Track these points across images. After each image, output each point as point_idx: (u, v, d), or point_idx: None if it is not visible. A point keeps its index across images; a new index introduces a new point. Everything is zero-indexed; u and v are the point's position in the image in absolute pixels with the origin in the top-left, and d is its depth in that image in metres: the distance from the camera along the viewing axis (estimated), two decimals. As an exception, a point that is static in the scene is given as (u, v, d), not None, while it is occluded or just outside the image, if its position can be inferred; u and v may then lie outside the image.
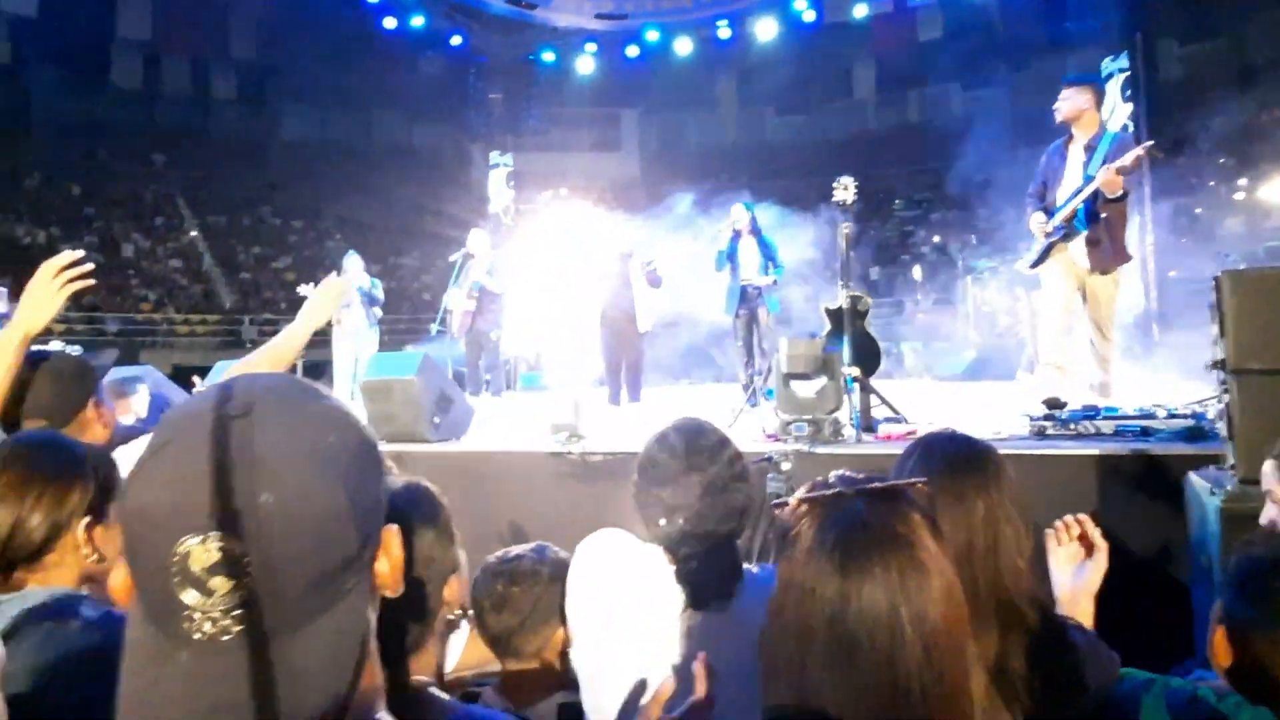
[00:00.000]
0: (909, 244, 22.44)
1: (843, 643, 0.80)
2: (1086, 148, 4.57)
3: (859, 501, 0.86)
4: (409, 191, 26.54)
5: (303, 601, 0.63)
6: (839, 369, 4.13)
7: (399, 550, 0.73)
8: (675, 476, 1.59)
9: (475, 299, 7.60)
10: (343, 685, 0.65)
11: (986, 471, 1.27)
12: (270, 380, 0.70)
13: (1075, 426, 3.65)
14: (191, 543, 0.59)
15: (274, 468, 0.62)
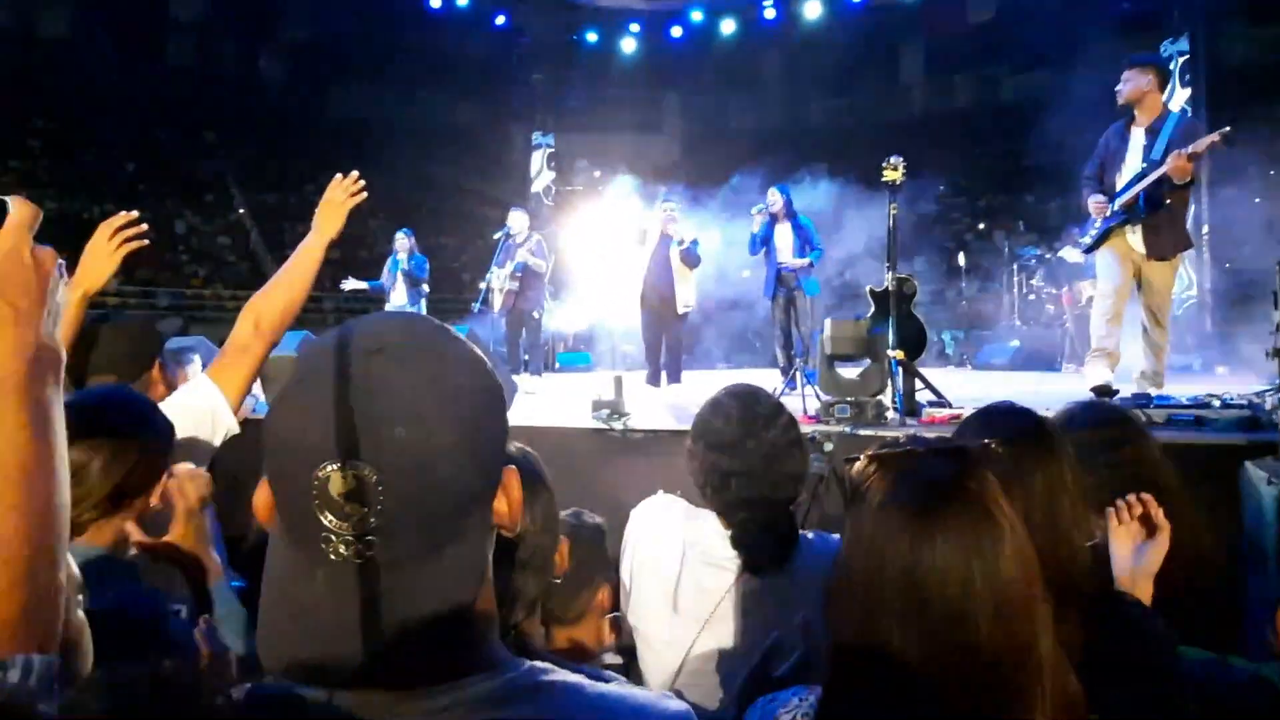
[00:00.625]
0: (953, 230, 22.08)
1: (913, 599, 0.80)
2: (1149, 130, 4.45)
3: (932, 459, 0.87)
4: (451, 171, 26.73)
5: (429, 532, 0.66)
6: (884, 351, 4.11)
7: (518, 491, 0.76)
8: (732, 442, 1.60)
9: (518, 279, 7.66)
10: (461, 614, 0.68)
11: (1046, 444, 1.25)
12: (404, 320, 0.73)
13: (1126, 414, 3.58)
14: (331, 469, 0.63)
15: (406, 404, 0.65)
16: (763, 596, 1.56)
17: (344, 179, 2.00)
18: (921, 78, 26.49)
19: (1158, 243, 4.37)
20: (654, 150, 28.29)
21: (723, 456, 1.60)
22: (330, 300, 20.42)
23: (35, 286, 0.75)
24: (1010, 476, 1.20)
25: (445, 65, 25.51)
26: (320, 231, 1.95)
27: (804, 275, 6.81)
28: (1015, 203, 21.47)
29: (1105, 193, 4.55)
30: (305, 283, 1.95)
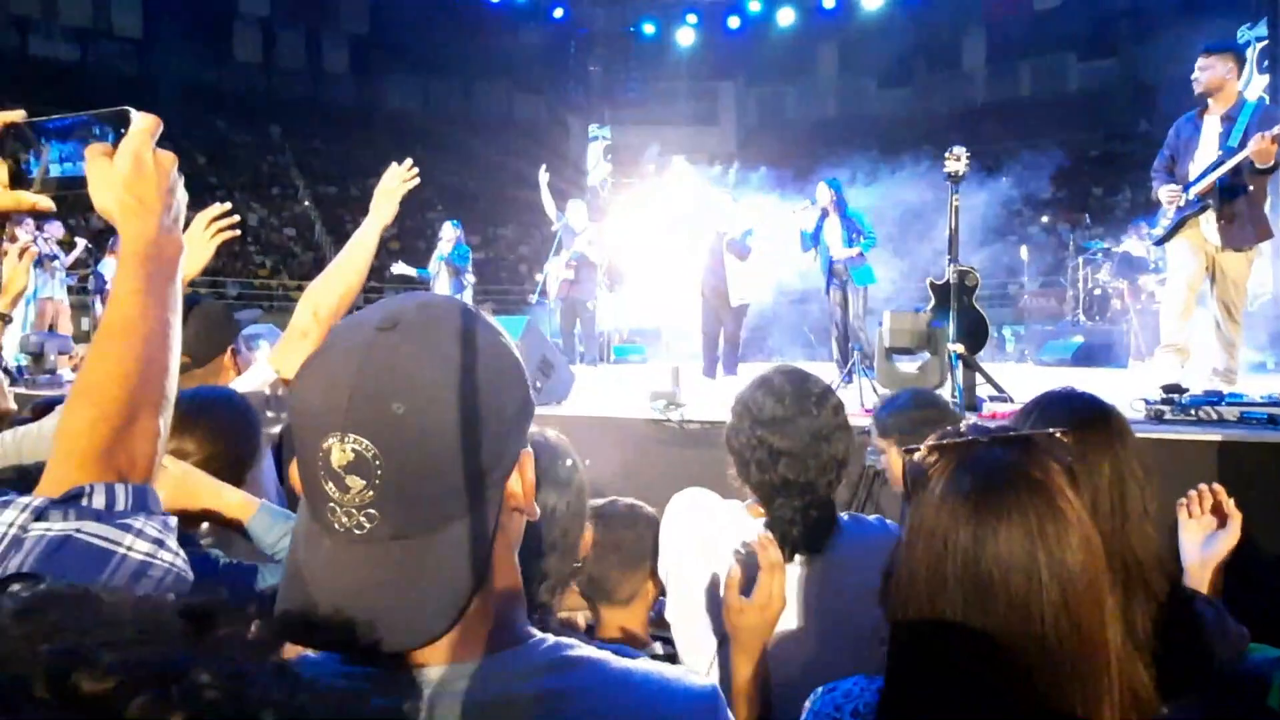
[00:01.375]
0: (1016, 223, 21.55)
1: (977, 587, 0.80)
2: (1224, 118, 4.30)
3: (995, 448, 0.86)
4: (508, 162, 26.95)
5: (434, 506, 0.67)
6: (944, 345, 4.07)
7: (532, 474, 0.76)
8: (782, 421, 1.58)
9: (573, 268, 7.73)
10: (470, 587, 0.68)
11: (1111, 430, 1.23)
12: (426, 299, 0.74)
13: (1196, 412, 3.50)
14: (332, 440, 0.65)
15: (410, 379, 0.66)
16: (800, 584, 1.55)
17: (399, 166, 2.06)
18: (983, 66, 25.85)
19: (1233, 232, 4.23)
20: (709, 141, 28.16)
21: (772, 434, 1.57)
22: (390, 291, 20.88)
23: (156, 185, 0.91)
24: (1076, 465, 1.20)
25: (503, 58, 25.73)
26: (376, 218, 2.02)
27: (855, 265, 6.77)
28: (1081, 194, 20.88)
29: (1177, 184, 4.42)
30: (362, 268, 2.01)
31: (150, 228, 0.89)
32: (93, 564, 0.70)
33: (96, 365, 0.83)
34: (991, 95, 26.00)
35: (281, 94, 25.79)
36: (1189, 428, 3.34)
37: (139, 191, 0.89)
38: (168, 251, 0.90)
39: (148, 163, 0.90)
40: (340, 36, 25.51)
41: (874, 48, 25.79)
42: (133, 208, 0.89)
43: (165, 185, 0.91)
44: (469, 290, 8.97)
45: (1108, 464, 1.20)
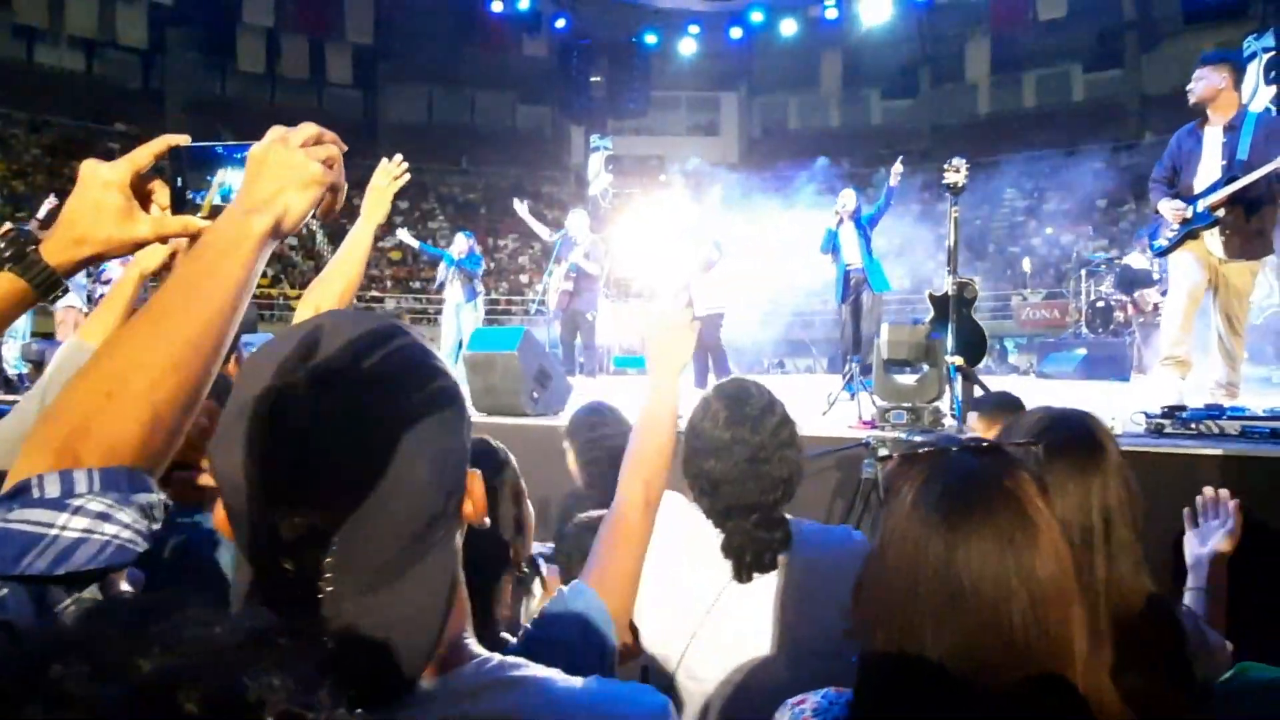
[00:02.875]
0: (1019, 235, 21.53)
1: (949, 595, 0.80)
2: (1227, 129, 4.27)
3: (966, 457, 0.86)
4: (510, 173, 27.06)
5: (393, 560, 0.64)
6: (942, 357, 4.03)
7: (481, 491, 0.74)
8: (718, 448, 1.55)
9: (572, 279, 7.71)
10: (437, 620, 0.67)
11: (1096, 448, 1.21)
12: (348, 330, 0.68)
13: (1197, 425, 3.45)
14: (278, 514, 0.61)
15: (357, 438, 0.62)
16: (757, 600, 1.53)
17: (389, 162, 2.04)
18: (988, 77, 25.87)
19: (1239, 244, 4.20)
20: (711, 151, 28.22)
21: (709, 461, 1.55)
22: (392, 299, 20.88)
23: (259, 182, 0.84)
24: (1061, 484, 1.17)
25: (506, 68, 25.85)
26: (368, 217, 2.00)
27: (872, 271, 6.83)
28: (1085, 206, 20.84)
29: (1179, 195, 4.39)
30: (358, 269, 2.00)
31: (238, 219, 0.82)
32: (13, 550, 0.65)
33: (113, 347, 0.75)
34: (996, 106, 26.02)
35: (285, 104, 25.90)
36: (1190, 441, 3.30)
37: (244, 186, 0.85)
38: (231, 232, 0.80)
39: (264, 161, 0.85)
40: (344, 47, 25.61)
41: (877, 58, 25.85)
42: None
43: (266, 176, 0.84)
44: (480, 298, 8.99)
45: (1097, 482, 1.18)
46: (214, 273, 0.76)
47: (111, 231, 0.90)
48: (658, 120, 26.30)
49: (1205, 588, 1.46)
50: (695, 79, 26.07)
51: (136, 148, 0.97)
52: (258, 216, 0.80)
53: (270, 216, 0.81)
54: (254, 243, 0.79)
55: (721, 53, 24.81)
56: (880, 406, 3.99)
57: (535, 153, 27.47)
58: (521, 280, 22.82)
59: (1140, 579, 1.16)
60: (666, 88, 24.95)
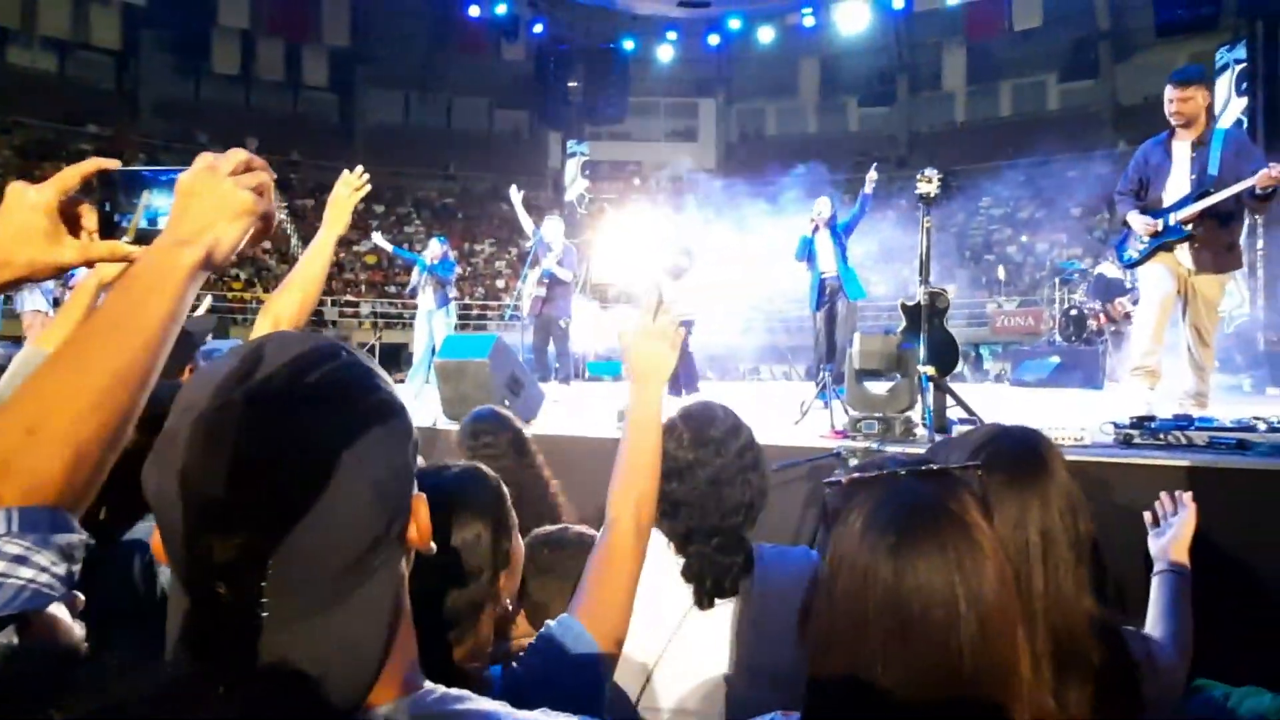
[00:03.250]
0: (994, 243, 21.74)
1: (898, 620, 0.80)
2: (1197, 144, 4.32)
3: (913, 481, 0.86)
4: (487, 178, 26.97)
5: (332, 584, 0.63)
6: (914, 367, 4.02)
7: (426, 515, 0.73)
8: (680, 469, 1.54)
9: (545, 285, 7.67)
10: (376, 651, 0.66)
11: (1038, 466, 1.21)
12: (292, 349, 0.68)
13: (1165, 436, 3.46)
14: (213, 537, 0.59)
15: (292, 457, 0.61)
16: (719, 625, 1.51)
17: (350, 174, 2.01)
18: (964, 86, 26.14)
19: (1209, 257, 4.24)
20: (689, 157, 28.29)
21: (671, 483, 1.53)
22: (366, 303, 20.72)
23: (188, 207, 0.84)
24: (1004, 502, 1.15)
25: (483, 73, 25.78)
26: (329, 228, 1.97)
27: (846, 281, 6.82)
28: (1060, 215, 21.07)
29: (1147, 208, 4.43)
30: (319, 279, 1.97)
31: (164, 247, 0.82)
32: None
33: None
34: (972, 115, 26.29)
35: (260, 106, 25.68)
36: (1157, 452, 3.30)
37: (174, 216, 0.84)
38: (159, 264, 0.79)
39: (194, 192, 0.85)
40: (320, 50, 25.44)
41: (855, 66, 26.05)
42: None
43: (195, 207, 0.84)
44: (453, 304, 8.90)
45: (1037, 500, 1.17)
46: (142, 305, 0.75)
47: (35, 255, 0.89)
48: (636, 126, 26.33)
49: (1169, 568, 1.49)
50: (673, 85, 26.14)
51: (108, 150, 0.95)
52: (188, 249, 0.79)
53: (201, 249, 0.80)
54: (183, 275, 0.78)
55: (699, 59, 24.90)
56: (852, 416, 3.97)
57: (512, 157, 27.40)
58: (498, 285, 22.74)
59: (1083, 600, 1.15)
60: (644, 94, 25.00)
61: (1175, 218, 4.30)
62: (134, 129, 23.16)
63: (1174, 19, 14.74)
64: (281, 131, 25.22)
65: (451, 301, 8.77)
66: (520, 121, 27.67)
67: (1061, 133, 23.78)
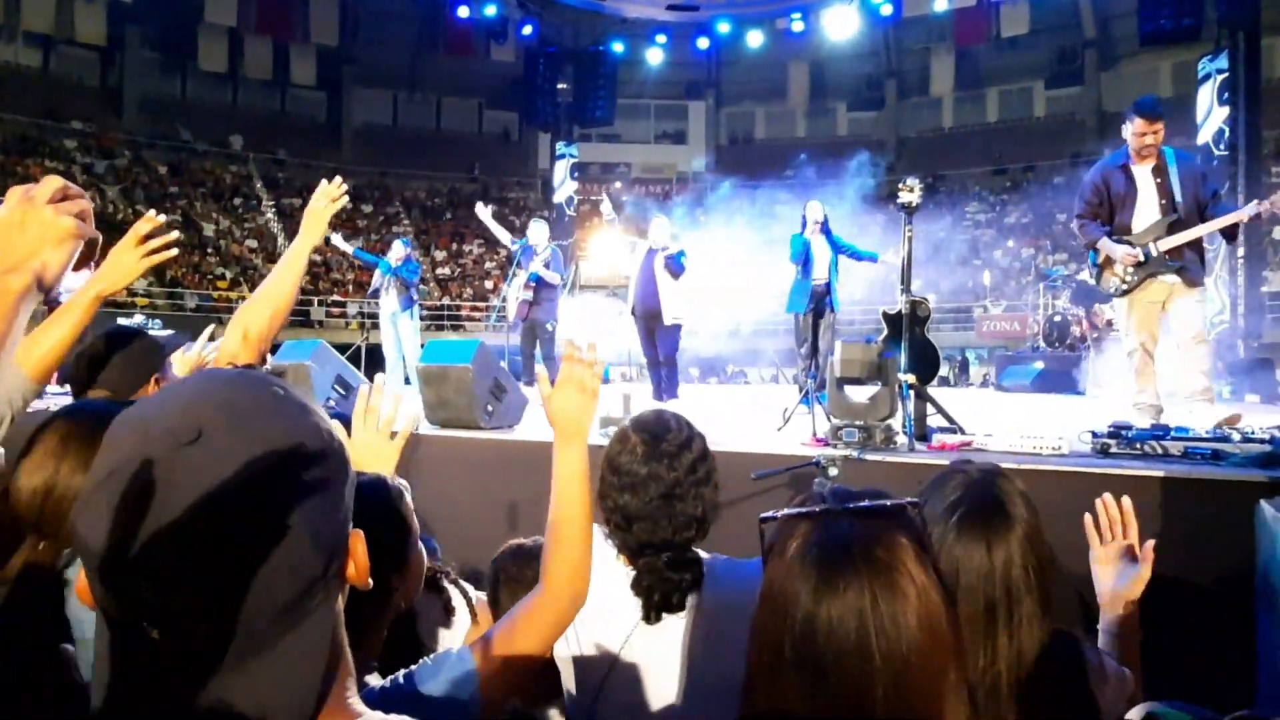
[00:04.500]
0: (980, 247, 21.85)
1: (813, 663, 0.78)
2: (1156, 170, 4.43)
3: (845, 521, 0.84)
4: (476, 179, 26.92)
5: (269, 628, 0.61)
6: (895, 375, 4.03)
7: (363, 551, 0.72)
8: (634, 483, 1.51)
9: (531, 288, 7.65)
10: (315, 685, 0.65)
11: (1002, 519, 1.21)
12: (226, 394, 0.65)
13: (1141, 446, 3.49)
14: (143, 584, 0.58)
15: (231, 502, 0.59)
16: (667, 639, 1.49)
17: (328, 185, 1.98)
18: (952, 92, 26.30)
19: (1188, 274, 4.36)
20: (678, 160, 28.32)
21: (624, 496, 1.51)
22: (354, 304, 20.63)
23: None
24: (970, 550, 1.16)
25: (472, 74, 25.73)
26: (304, 237, 1.95)
27: (832, 291, 6.87)
28: (1045, 220, 21.21)
29: (1117, 234, 4.52)
30: (292, 290, 1.94)
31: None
32: None
33: None
34: (959, 120, 26.45)
35: (246, 105, 25.53)
36: (1134, 462, 3.33)
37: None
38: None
39: (14, 223, 0.90)
40: (308, 49, 25.33)
41: (844, 71, 26.16)
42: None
43: (17, 236, 0.90)
44: (417, 306, 8.82)
45: (1000, 554, 1.18)
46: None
47: None
48: (625, 128, 26.34)
49: (1117, 632, 1.44)
50: (663, 88, 26.17)
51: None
52: (14, 276, 0.86)
53: (28, 274, 0.88)
54: (12, 300, 0.85)
55: (689, 62, 24.93)
56: (833, 423, 3.99)
57: (501, 158, 27.36)
58: (486, 286, 22.68)
59: (1042, 630, 1.15)
60: (634, 96, 25.01)
61: (1158, 249, 4.38)
62: (118, 126, 22.98)
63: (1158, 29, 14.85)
64: (268, 130, 25.10)
65: (415, 304, 8.70)
66: (509, 123, 27.64)
67: (1047, 138, 23.97)
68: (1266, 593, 2.49)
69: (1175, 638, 2.43)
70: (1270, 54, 17.43)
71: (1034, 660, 1.12)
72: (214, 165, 24.01)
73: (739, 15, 20.59)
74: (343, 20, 24.91)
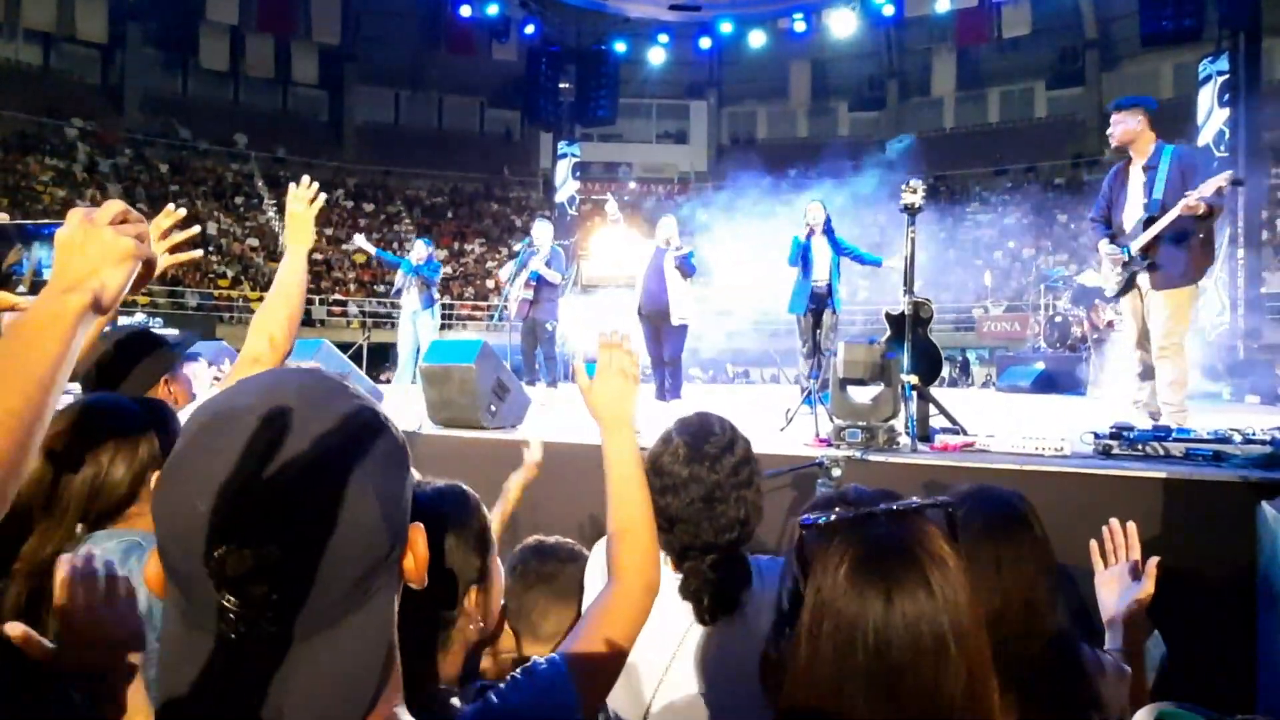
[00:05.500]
0: (982, 247, 21.86)
1: (888, 665, 0.79)
2: (1146, 168, 4.44)
3: (885, 521, 0.85)
4: (478, 178, 26.92)
5: (336, 603, 0.64)
6: (897, 376, 4.04)
7: (424, 548, 0.74)
8: (676, 485, 1.51)
9: (532, 287, 7.65)
10: (373, 680, 0.66)
11: (1022, 533, 1.22)
12: (298, 379, 0.70)
13: (1143, 447, 3.50)
14: (228, 547, 0.60)
15: (308, 476, 0.63)
16: (720, 641, 1.49)
17: (297, 188, 1.97)
18: (953, 92, 26.30)
19: (1160, 276, 4.35)
20: (680, 160, 28.33)
21: (666, 497, 1.50)
22: (355, 304, 20.64)
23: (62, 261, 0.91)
24: (983, 572, 1.17)
25: (474, 73, 25.72)
26: (296, 244, 1.95)
27: (834, 291, 6.84)
28: (1046, 221, 21.21)
29: (1114, 235, 4.55)
30: (300, 291, 1.96)
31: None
32: None
33: None
34: (961, 121, 26.45)
35: (248, 103, 25.53)
36: (1136, 463, 3.34)
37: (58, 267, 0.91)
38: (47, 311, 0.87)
39: (75, 243, 0.91)
40: (310, 47, 25.33)
41: (846, 71, 26.16)
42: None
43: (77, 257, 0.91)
44: (438, 305, 8.88)
45: (1010, 573, 1.19)
46: (32, 349, 0.84)
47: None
48: (627, 128, 26.36)
49: (1122, 649, 1.45)
50: (664, 87, 26.18)
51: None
52: (74, 295, 0.87)
53: (88, 294, 0.88)
54: (71, 319, 0.86)
55: (691, 62, 24.92)
56: (836, 424, 4.00)
57: (503, 157, 27.37)
58: (487, 286, 22.69)
59: (1046, 630, 1.16)
60: (635, 96, 25.02)
61: (1134, 248, 4.40)
62: (119, 124, 22.98)
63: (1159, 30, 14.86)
64: (270, 128, 25.10)
65: (436, 303, 8.76)
66: (511, 122, 27.64)
67: (1049, 139, 23.98)
68: (1268, 594, 2.50)
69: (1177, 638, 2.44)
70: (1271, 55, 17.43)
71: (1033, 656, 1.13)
72: (215, 164, 24.01)
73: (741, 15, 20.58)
74: (345, 18, 24.91)
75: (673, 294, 6.60)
